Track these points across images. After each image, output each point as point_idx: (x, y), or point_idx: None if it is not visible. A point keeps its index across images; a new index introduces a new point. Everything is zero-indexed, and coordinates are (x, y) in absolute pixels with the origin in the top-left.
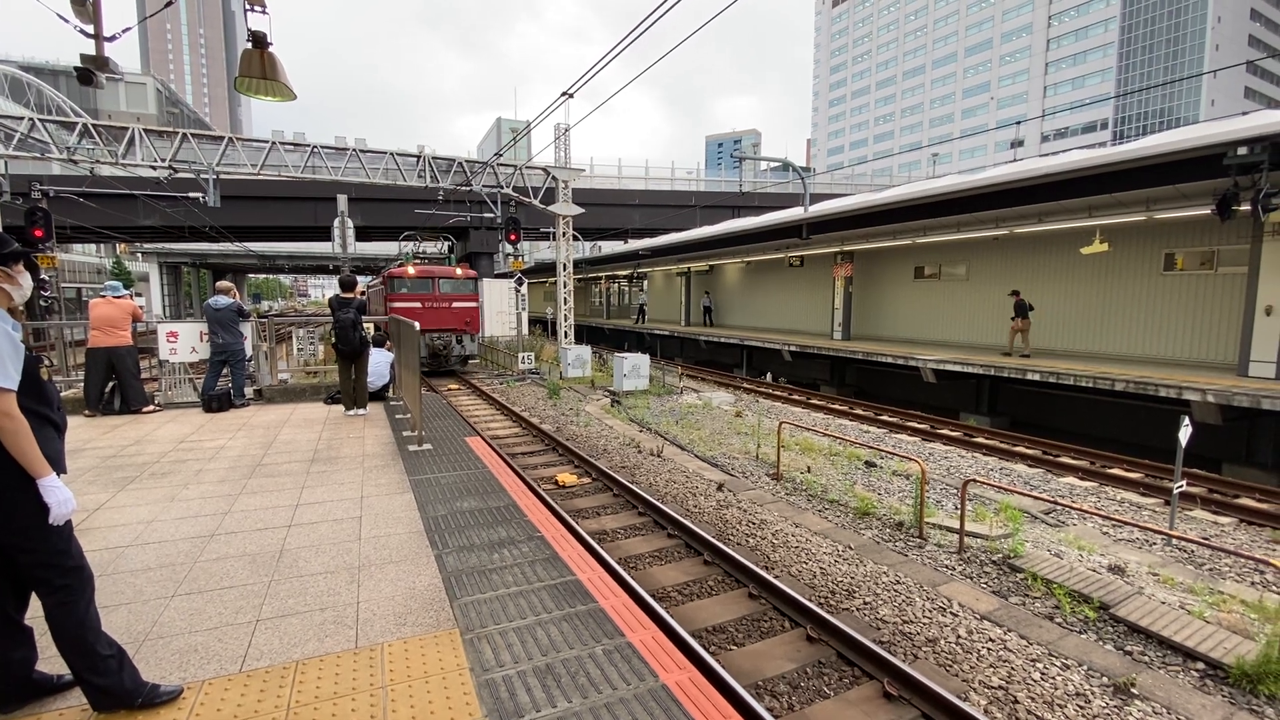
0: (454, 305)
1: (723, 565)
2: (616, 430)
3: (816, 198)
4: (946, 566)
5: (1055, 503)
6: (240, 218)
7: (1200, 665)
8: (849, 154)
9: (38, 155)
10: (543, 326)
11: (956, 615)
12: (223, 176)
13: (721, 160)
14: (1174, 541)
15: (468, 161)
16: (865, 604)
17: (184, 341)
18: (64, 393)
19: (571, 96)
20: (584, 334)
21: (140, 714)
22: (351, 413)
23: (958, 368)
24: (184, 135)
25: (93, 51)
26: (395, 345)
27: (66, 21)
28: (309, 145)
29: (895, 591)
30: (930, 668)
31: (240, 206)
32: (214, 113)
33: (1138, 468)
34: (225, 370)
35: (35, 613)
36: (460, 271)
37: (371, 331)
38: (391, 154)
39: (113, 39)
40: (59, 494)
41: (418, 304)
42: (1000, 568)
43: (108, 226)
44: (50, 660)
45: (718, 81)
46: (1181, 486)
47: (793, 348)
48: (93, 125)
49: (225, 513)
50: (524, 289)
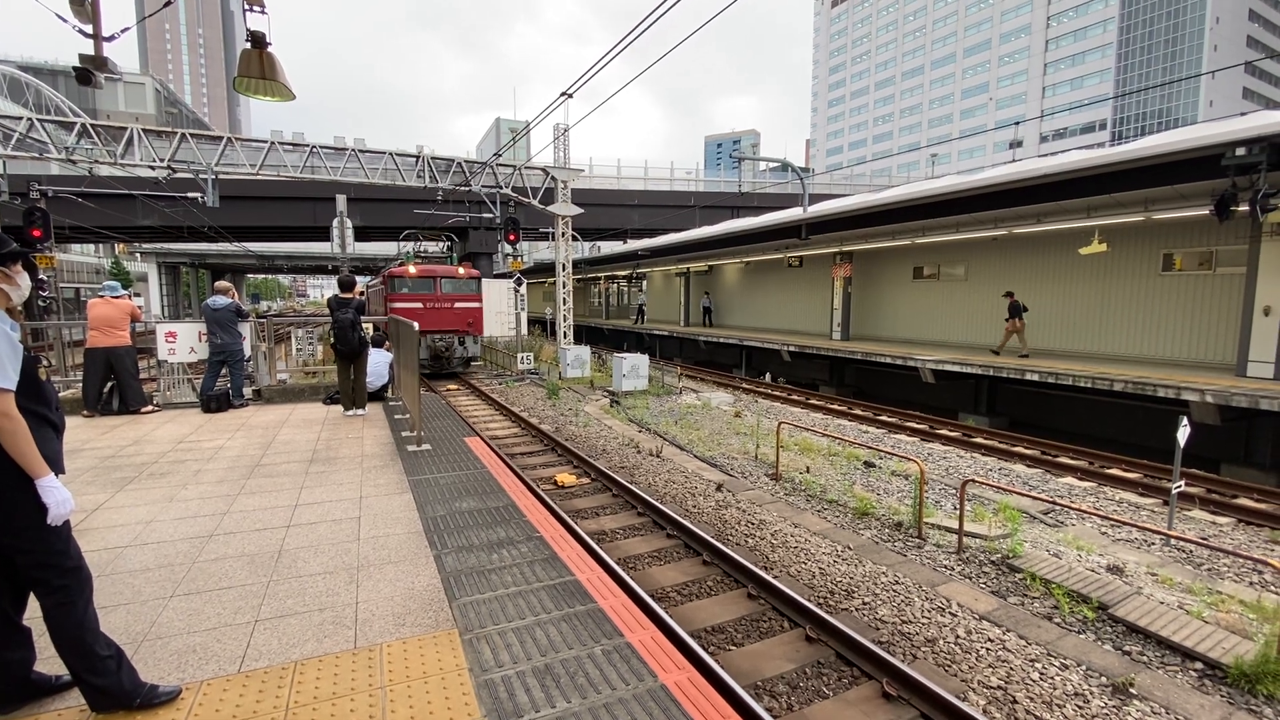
0: (456, 306)
1: (722, 565)
2: (615, 430)
3: (815, 198)
4: (945, 566)
5: (1054, 503)
6: (239, 218)
7: (1199, 665)
8: (848, 154)
9: (36, 155)
10: (542, 327)
11: (955, 615)
12: (221, 176)
13: (721, 160)
14: (1172, 541)
15: (467, 162)
16: (864, 604)
17: (182, 342)
18: (62, 393)
19: (571, 97)
20: (583, 334)
21: (139, 714)
22: (350, 413)
23: (956, 368)
24: (183, 135)
25: (91, 51)
26: (394, 345)
27: (65, 21)
28: (308, 145)
29: (894, 591)
30: (929, 668)
31: (239, 206)
32: (213, 113)
33: (1136, 468)
34: (224, 370)
35: (34, 613)
36: (463, 271)
37: (370, 332)
38: (390, 154)
39: (111, 39)
40: (57, 494)
41: (419, 304)
42: (999, 568)
43: (106, 226)
44: (49, 661)
45: (717, 82)
46: (1180, 487)
47: (792, 348)
48: (91, 125)
49: (224, 513)
50: (523, 289)
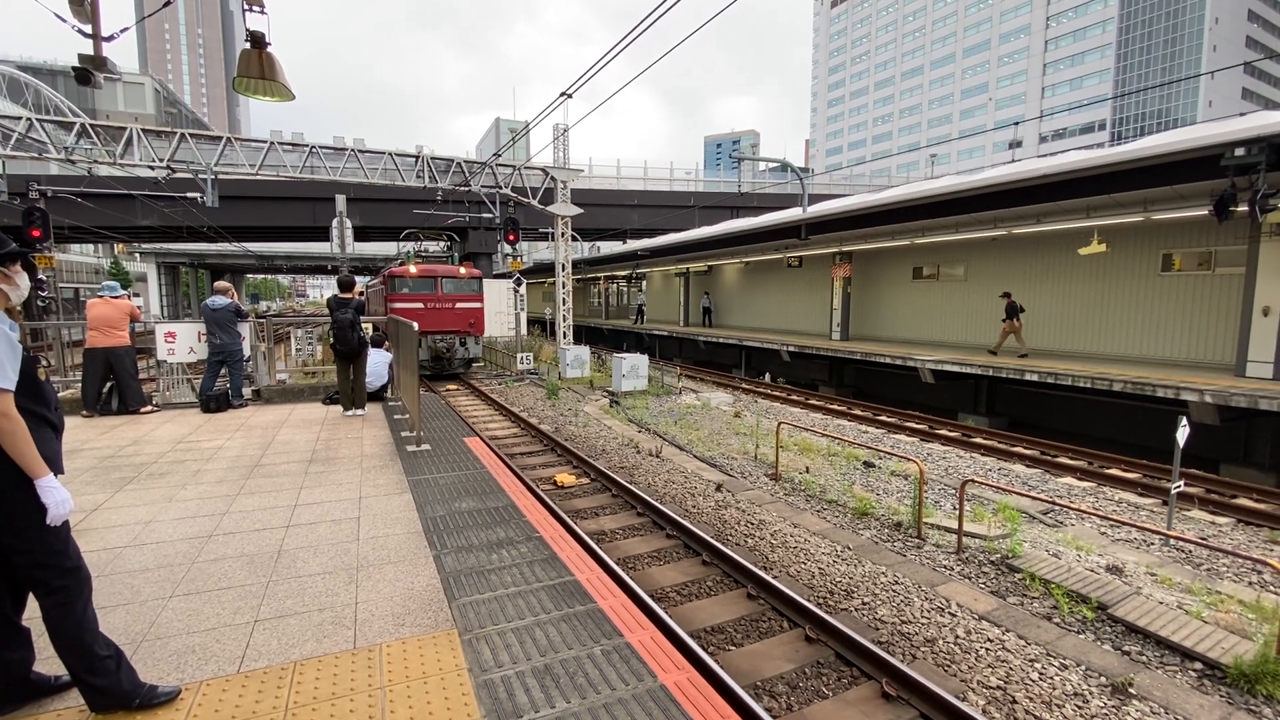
0: (457, 306)
1: (721, 565)
2: (615, 430)
3: (815, 198)
4: (945, 567)
5: (1053, 503)
6: (238, 218)
7: (1198, 665)
8: (847, 154)
9: (35, 155)
10: (541, 327)
11: (955, 615)
12: (221, 176)
13: (720, 161)
14: (1172, 541)
15: (466, 162)
16: (864, 604)
17: (182, 342)
18: (61, 393)
19: (570, 97)
20: (583, 334)
21: (138, 715)
22: (350, 413)
23: (956, 368)
24: (182, 135)
25: (91, 51)
26: (394, 345)
27: (64, 21)
28: (307, 145)
29: (894, 592)
30: (928, 668)
31: (238, 206)
32: (212, 113)
33: (1135, 468)
34: (223, 371)
35: (33, 613)
36: (464, 271)
37: (370, 332)
38: (390, 154)
39: (111, 39)
40: (56, 494)
41: (420, 304)
42: (998, 568)
43: (105, 226)
44: (48, 661)
45: (716, 82)
46: (1179, 487)
47: (791, 348)
48: (91, 125)
49: (223, 513)
50: (523, 289)
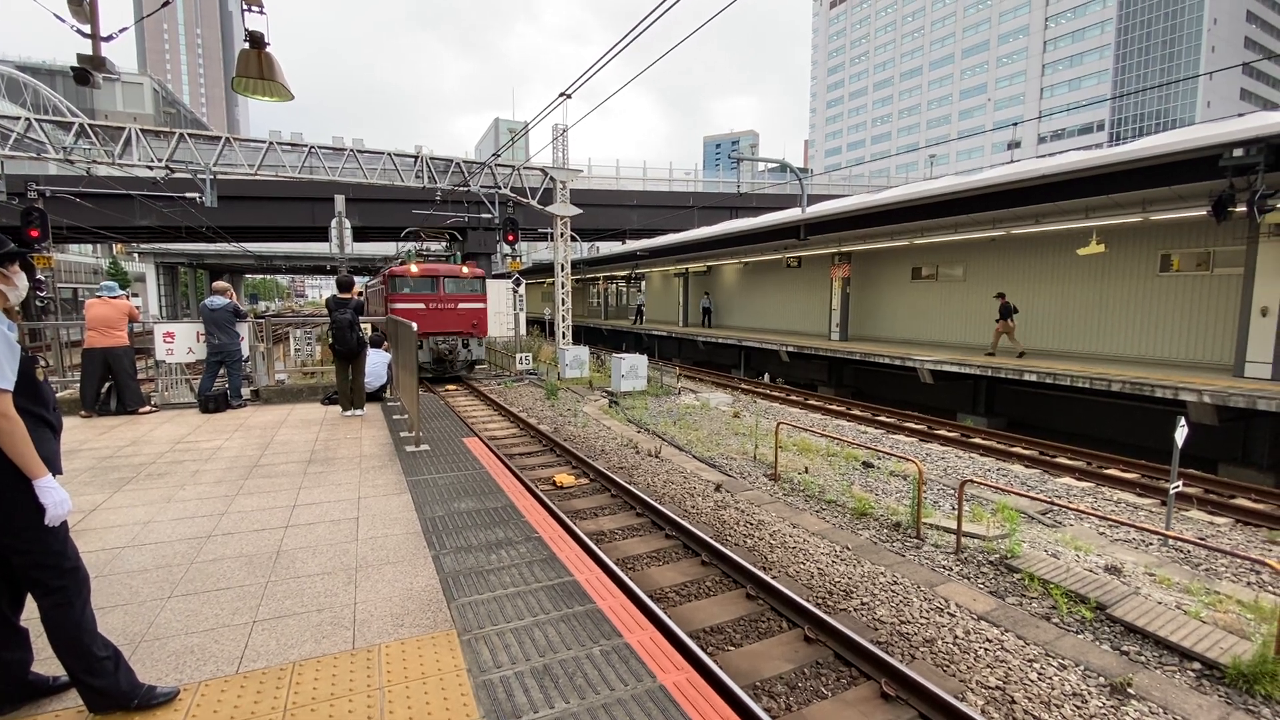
0: (460, 307)
1: (720, 566)
2: (614, 431)
3: (814, 199)
4: (944, 567)
5: (1052, 503)
6: (237, 218)
7: (1196, 665)
8: (847, 155)
9: (34, 155)
10: (540, 327)
11: (954, 615)
12: (220, 177)
13: (719, 161)
14: (1170, 542)
15: (465, 162)
16: (863, 604)
17: (181, 342)
18: (60, 393)
19: (570, 97)
20: (582, 335)
21: (136, 715)
22: (349, 413)
23: (955, 368)
24: (181, 135)
25: (89, 51)
26: (393, 346)
27: (63, 21)
28: (306, 145)
29: (893, 592)
30: (927, 668)
31: (237, 207)
32: (211, 113)
33: (1134, 468)
34: (222, 371)
35: (31, 614)
36: (466, 270)
37: (369, 332)
38: (389, 154)
39: (109, 39)
40: (55, 495)
41: (421, 305)
42: (997, 568)
43: (104, 227)
44: (46, 662)
45: (716, 82)
46: (1178, 487)
47: (790, 348)
48: (89, 125)
49: (222, 514)
50: (522, 289)
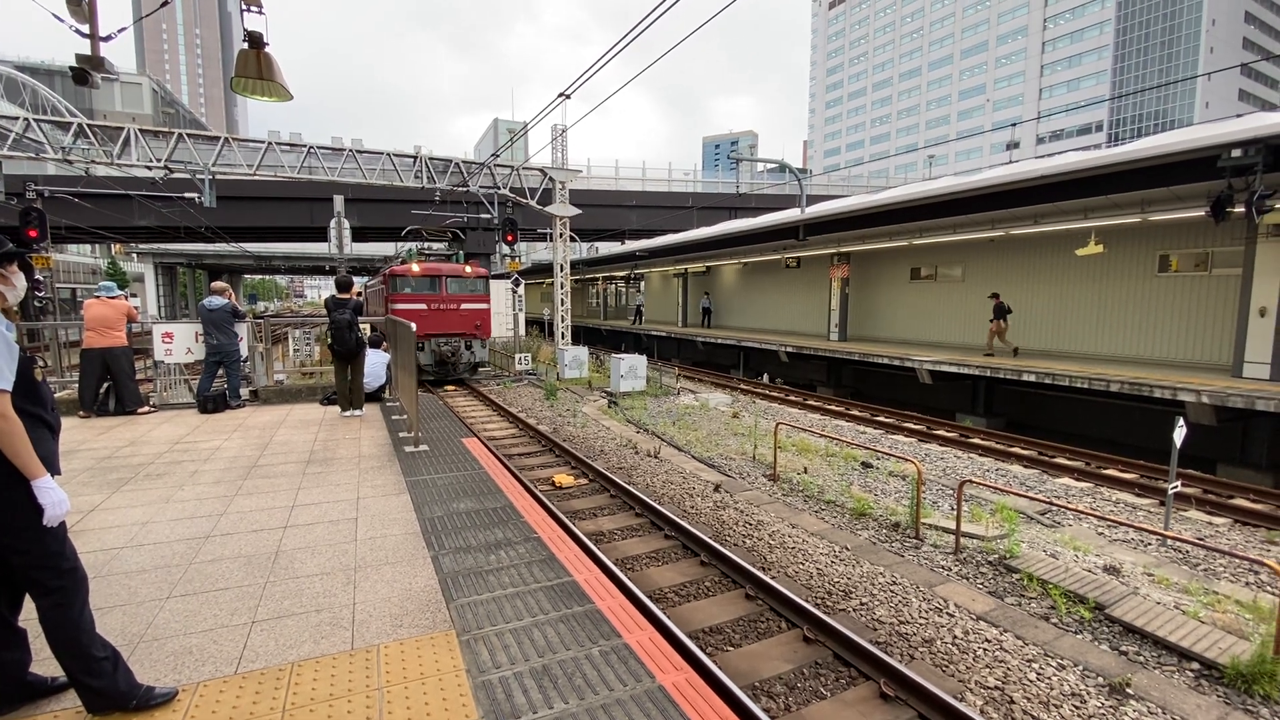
0: (463, 307)
1: (719, 566)
2: (613, 431)
3: (813, 199)
4: (943, 567)
5: (1051, 503)
6: (236, 218)
7: (1195, 665)
8: (845, 155)
9: (33, 155)
10: (540, 327)
11: (953, 616)
12: (218, 177)
13: (719, 161)
14: (1169, 542)
15: (464, 162)
16: (862, 604)
17: (179, 342)
18: (58, 393)
19: (569, 97)
20: (581, 335)
21: (135, 716)
22: (348, 414)
23: (954, 369)
24: (179, 135)
25: (88, 51)
26: (392, 346)
27: (62, 21)
28: (305, 145)
29: (892, 592)
30: (926, 668)
31: (236, 207)
32: (210, 113)
33: (1133, 468)
34: (220, 371)
35: (29, 615)
36: (469, 270)
37: (368, 332)
38: (388, 154)
39: (108, 39)
40: (53, 495)
41: (423, 305)
42: (996, 568)
43: (103, 227)
44: (44, 662)
45: (715, 83)
46: (1176, 487)
47: (789, 349)
48: (88, 125)
49: (221, 514)
50: (521, 290)
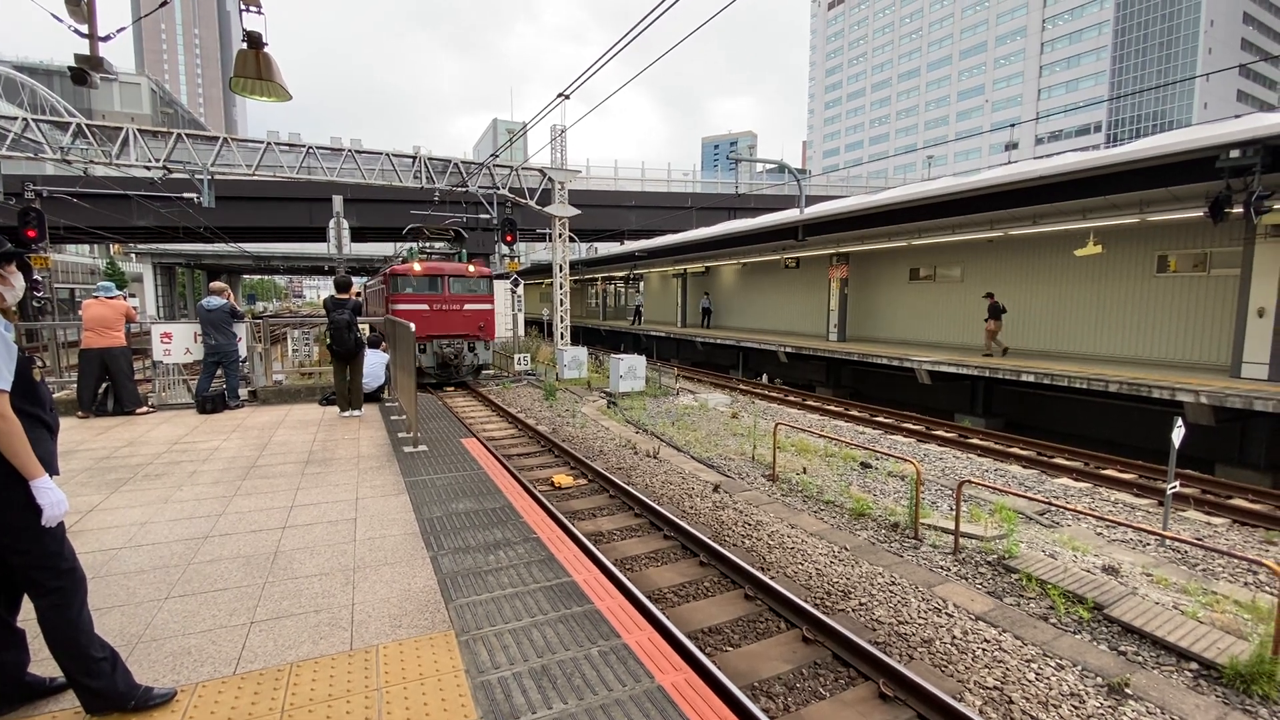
0: (466, 308)
1: (719, 566)
2: (613, 432)
3: (812, 199)
4: (942, 567)
5: (1049, 504)
6: (235, 218)
7: (1194, 665)
8: (844, 156)
9: (31, 155)
10: (539, 328)
11: (952, 616)
12: (217, 177)
13: (718, 162)
14: (1167, 542)
15: (463, 162)
16: (861, 605)
17: (178, 343)
18: (57, 394)
19: (568, 98)
20: (580, 335)
21: (133, 717)
22: (347, 414)
23: (953, 369)
24: (178, 135)
25: (87, 51)
26: (391, 346)
27: (61, 21)
28: (304, 146)
29: (891, 592)
30: (925, 668)
31: (235, 207)
32: (209, 113)
33: (1131, 469)
34: (219, 371)
35: (27, 615)
36: (473, 269)
37: (367, 333)
38: (387, 155)
39: (107, 39)
40: (52, 495)
41: (424, 306)
42: (995, 568)
43: (101, 227)
44: (43, 663)
45: (714, 83)
46: (1175, 487)
47: (788, 349)
48: (87, 125)
49: (219, 514)
50: (520, 290)
